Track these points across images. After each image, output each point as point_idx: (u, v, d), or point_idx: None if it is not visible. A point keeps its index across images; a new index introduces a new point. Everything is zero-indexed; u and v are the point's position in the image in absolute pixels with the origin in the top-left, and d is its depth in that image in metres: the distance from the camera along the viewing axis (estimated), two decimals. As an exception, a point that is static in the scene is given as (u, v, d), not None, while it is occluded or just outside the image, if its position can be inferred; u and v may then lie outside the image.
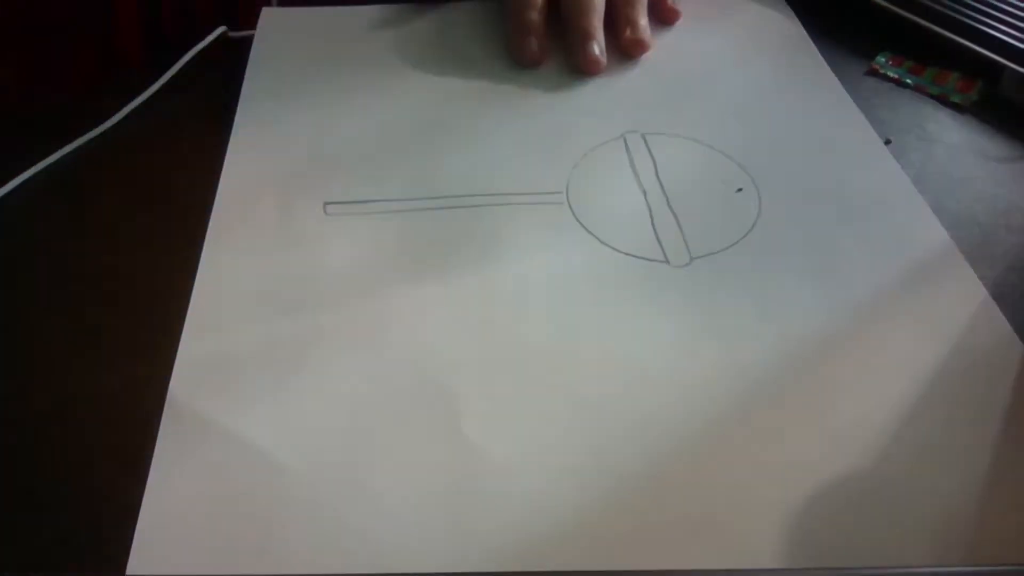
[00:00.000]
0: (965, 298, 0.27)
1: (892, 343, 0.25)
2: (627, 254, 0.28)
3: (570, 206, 0.30)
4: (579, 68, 0.35)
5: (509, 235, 0.28)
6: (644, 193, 0.30)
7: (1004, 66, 0.35)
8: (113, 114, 0.32)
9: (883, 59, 0.37)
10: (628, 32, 0.36)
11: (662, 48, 0.37)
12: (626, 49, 0.36)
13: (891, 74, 0.36)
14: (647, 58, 0.37)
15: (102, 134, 0.31)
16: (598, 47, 0.34)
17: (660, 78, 0.36)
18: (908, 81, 0.36)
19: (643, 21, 0.36)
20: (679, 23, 0.38)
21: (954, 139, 0.33)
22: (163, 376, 0.24)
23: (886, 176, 0.31)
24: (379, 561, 0.20)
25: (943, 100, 0.35)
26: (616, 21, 0.36)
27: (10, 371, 0.24)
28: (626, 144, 0.32)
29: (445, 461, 0.22)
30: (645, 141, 0.32)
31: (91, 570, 0.20)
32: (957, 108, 0.35)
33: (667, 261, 0.28)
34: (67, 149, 0.30)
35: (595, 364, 0.24)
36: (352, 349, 0.25)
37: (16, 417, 0.23)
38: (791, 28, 0.39)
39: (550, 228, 0.29)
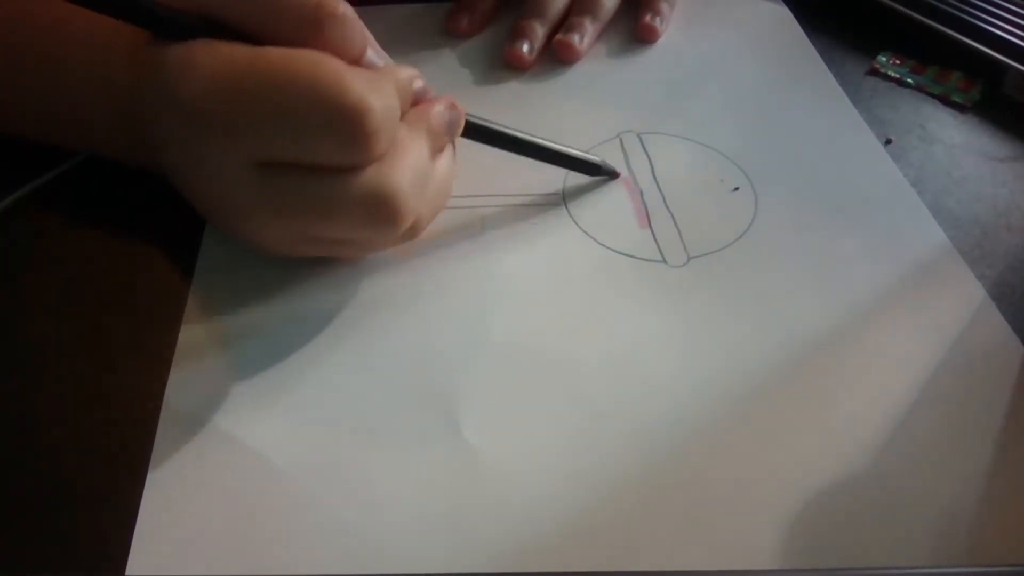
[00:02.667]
0: (963, 299, 0.27)
1: (890, 343, 0.26)
2: (624, 254, 0.28)
3: (566, 207, 0.30)
4: (504, 59, 0.36)
5: (505, 236, 0.29)
6: (641, 193, 0.31)
7: (1007, 65, 0.35)
8: None
9: (884, 58, 0.37)
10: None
11: (656, 47, 0.38)
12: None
13: (892, 73, 0.37)
14: (641, 57, 0.37)
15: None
16: (528, 45, 0.36)
17: (655, 77, 0.36)
18: (909, 80, 0.36)
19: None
20: (673, 23, 0.39)
21: (955, 139, 0.34)
22: (164, 376, 0.24)
23: (882, 175, 0.31)
24: (379, 563, 0.20)
25: (944, 99, 0.35)
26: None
27: (10, 371, 0.24)
28: (622, 144, 0.33)
29: (444, 463, 0.22)
30: (641, 141, 0.33)
31: (91, 570, 0.20)
32: (958, 108, 0.35)
33: (664, 261, 0.28)
34: (75, 161, 0.31)
35: (593, 365, 0.25)
36: (350, 351, 0.25)
37: (16, 417, 0.23)
38: (787, 24, 0.39)
39: (546, 229, 0.29)
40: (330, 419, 0.23)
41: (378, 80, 0.22)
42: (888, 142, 0.33)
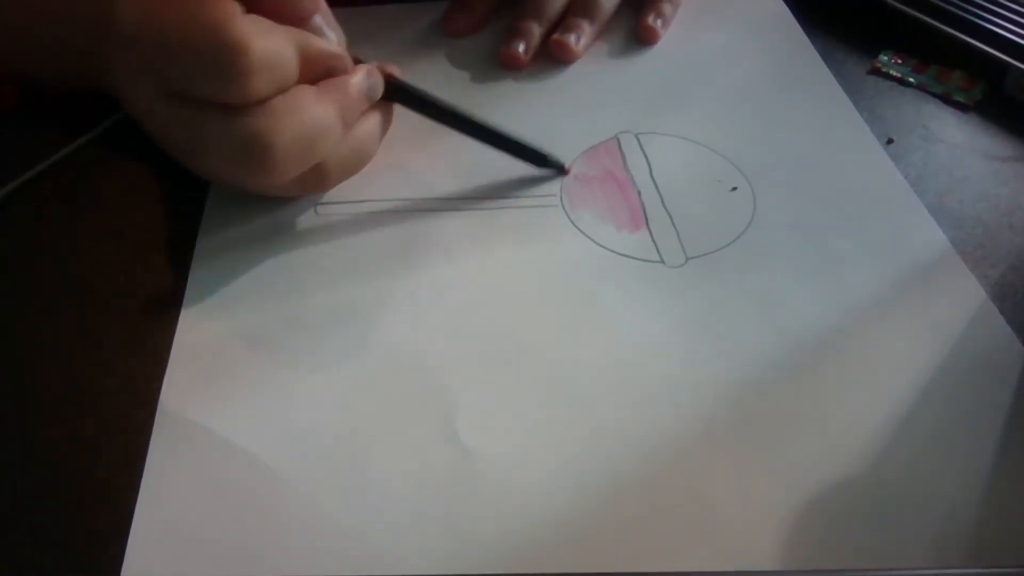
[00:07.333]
0: (963, 300, 0.27)
1: (890, 344, 0.26)
2: (622, 255, 0.29)
3: (564, 208, 0.30)
4: (500, 59, 0.37)
5: (503, 238, 0.29)
6: (639, 193, 0.31)
7: (1008, 64, 0.35)
8: (111, 115, 0.33)
9: (885, 57, 0.38)
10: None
11: (654, 46, 0.39)
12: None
13: (894, 72, 0.37)
14: (639, 57, 0.38)
15: (100, 135, 0.32)
16: (523, 45, 0.37)
17: (653, 77, 0.37)
18: (911, 79, 0.37)
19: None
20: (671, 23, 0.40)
21: (957, 138, 0.34)
22: (159, 378, 0.25)
23: (881, 175, 0.32)
24: (375, 564, 0.21)
25: (946, 99, 0.36)
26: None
27: (7, 372, 0.25)
28: (619, 144, 0.33)
29: (440, 463, 0.23)
30: (639, 141, 0.33)
31: (87, 573, 0.20)
32: (960, 107, 0.36)
33: (662, 261, 0.29)
34: (67, 150, 0.31)
35: (591, 366, 0.25)
36: (346, 352, 0.25)
37: (13, 418, 0.24)
38: (785, 23, 0.40)
39: (544, 230, 0.30)
40: (326, 421, 0.24)
41: (274, 31, 0.25)
42: (890, 142, 0.34)
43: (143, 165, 0.31)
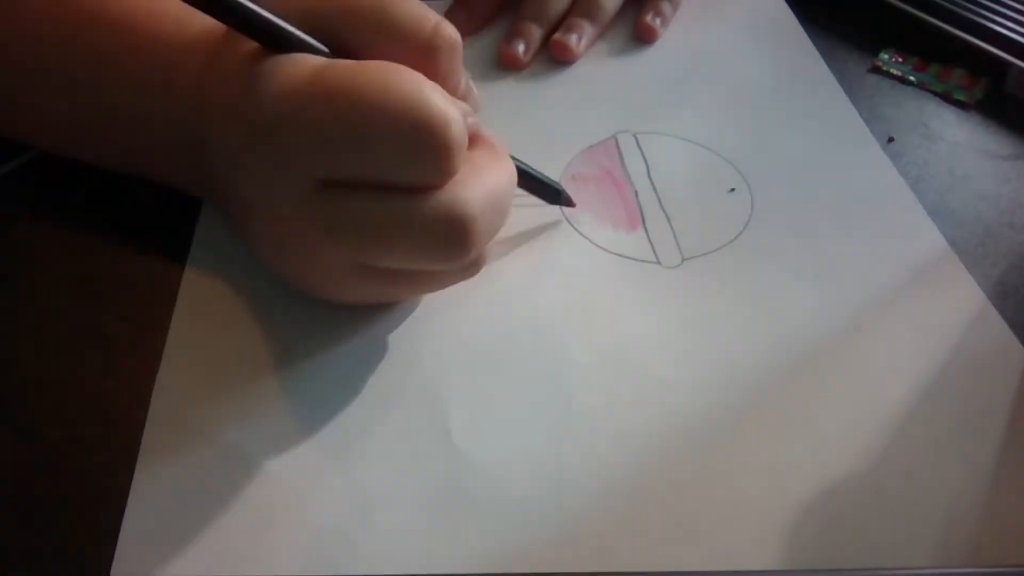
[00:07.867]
0: (962, 301, 0.27)
1: (888, 345, 0.26)
2: (618, 255, 0.29)
3: (561, 208, 0.31)
4: (500, 59, 0.37)
5: (499, 237, 0.29)
6: (636, 194, 0.31)
7: (1009, 63, 0.35)
8: None
9: (886, 56, 0.38)
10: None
11: (653, 46, 0.39)
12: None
13: (894, 71, 0.37)
14: (638, 56, 0.38)
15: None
16: (523, 46, 0.37)
17: (652, 76, 0.37)
18: (911, 78, 0.37)
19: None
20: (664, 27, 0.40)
21: (958, 137, 0.34)
22: (152, 379, 0.25)
23: (880, 176, 0.32)
24: (366, 565, 0.21)
25: (947, 97, 0.36)
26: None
27: (7, 372, 0.25)
28: (618, 144, 0.33)
29: (434, 465, 0.23)
30: (637, 141, 0.33)
31: (88, 573, 0.20)
32: (961, 105, 0.36)
33: (658, 262, 0.29)
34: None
35: (585, 366, 0.25)
36: (340, 352, 0.26)
37: (13, 418, 0.24)
38: (785, 22, 0.40)
39: (540, 230, 0.30)
40: (318, 422, 0.24)
41: (446, 95, 0.21)
42: (890, 140, 0.34)
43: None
